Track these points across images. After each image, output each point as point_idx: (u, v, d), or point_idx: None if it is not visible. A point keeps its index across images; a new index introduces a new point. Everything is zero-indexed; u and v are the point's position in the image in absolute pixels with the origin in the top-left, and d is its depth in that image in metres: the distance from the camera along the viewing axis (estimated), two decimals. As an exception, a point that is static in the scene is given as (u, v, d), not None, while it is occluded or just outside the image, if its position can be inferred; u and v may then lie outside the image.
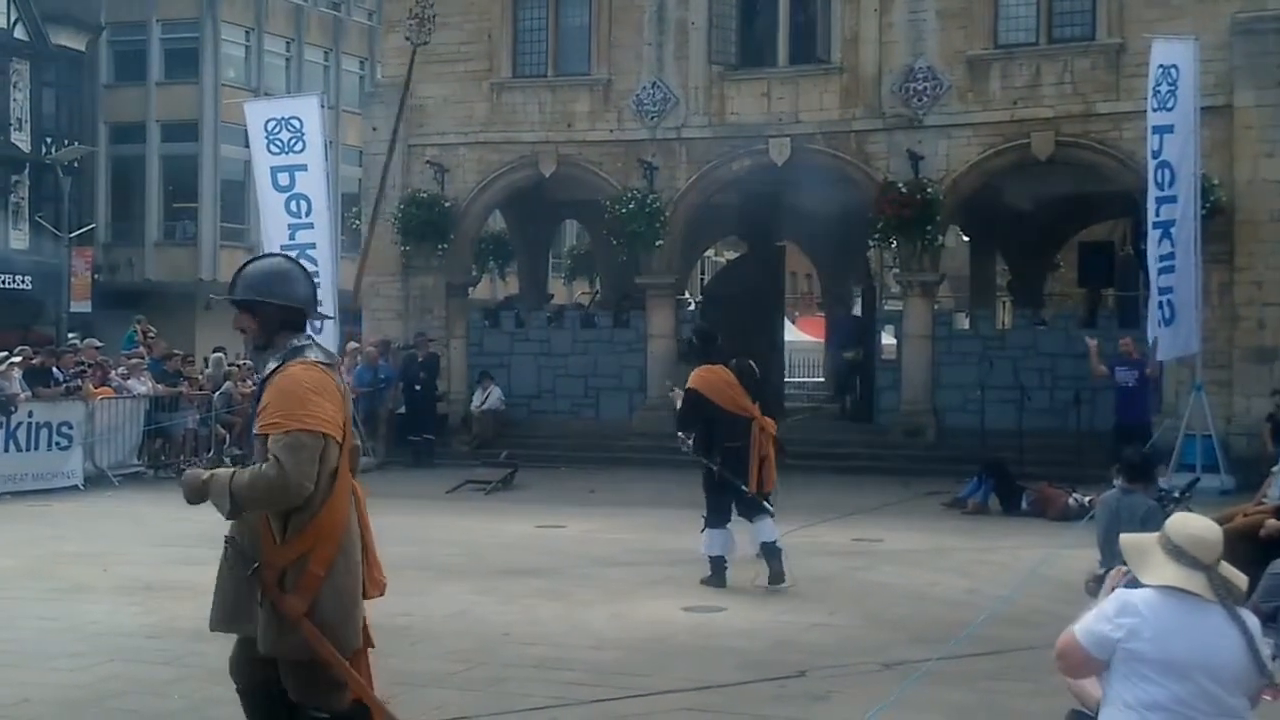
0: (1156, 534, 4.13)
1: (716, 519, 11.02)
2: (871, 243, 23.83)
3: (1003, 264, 29.87)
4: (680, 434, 11.45)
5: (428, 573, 11.53)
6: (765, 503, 10.92)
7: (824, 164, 21.66)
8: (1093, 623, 4.04)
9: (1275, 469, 9.48)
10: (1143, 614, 3.94)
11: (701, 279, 36.85)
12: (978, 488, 16.05)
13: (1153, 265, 17.44)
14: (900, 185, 20.43)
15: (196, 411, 20.04)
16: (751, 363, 11.74)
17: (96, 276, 34.14)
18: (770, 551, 10.82)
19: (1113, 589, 4.17)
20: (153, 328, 22.99)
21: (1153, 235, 17.39)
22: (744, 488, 10.81)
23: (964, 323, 23.90)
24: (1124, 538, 4.24)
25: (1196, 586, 3.94)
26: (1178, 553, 4.00)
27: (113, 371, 19.66)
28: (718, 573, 10.97)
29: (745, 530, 11.08)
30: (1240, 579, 4.09)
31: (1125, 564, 4.21)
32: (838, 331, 28.39)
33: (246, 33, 39.27)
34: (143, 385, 19.63)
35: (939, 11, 20.87)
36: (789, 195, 24.29)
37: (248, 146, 22.06)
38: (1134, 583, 4.11)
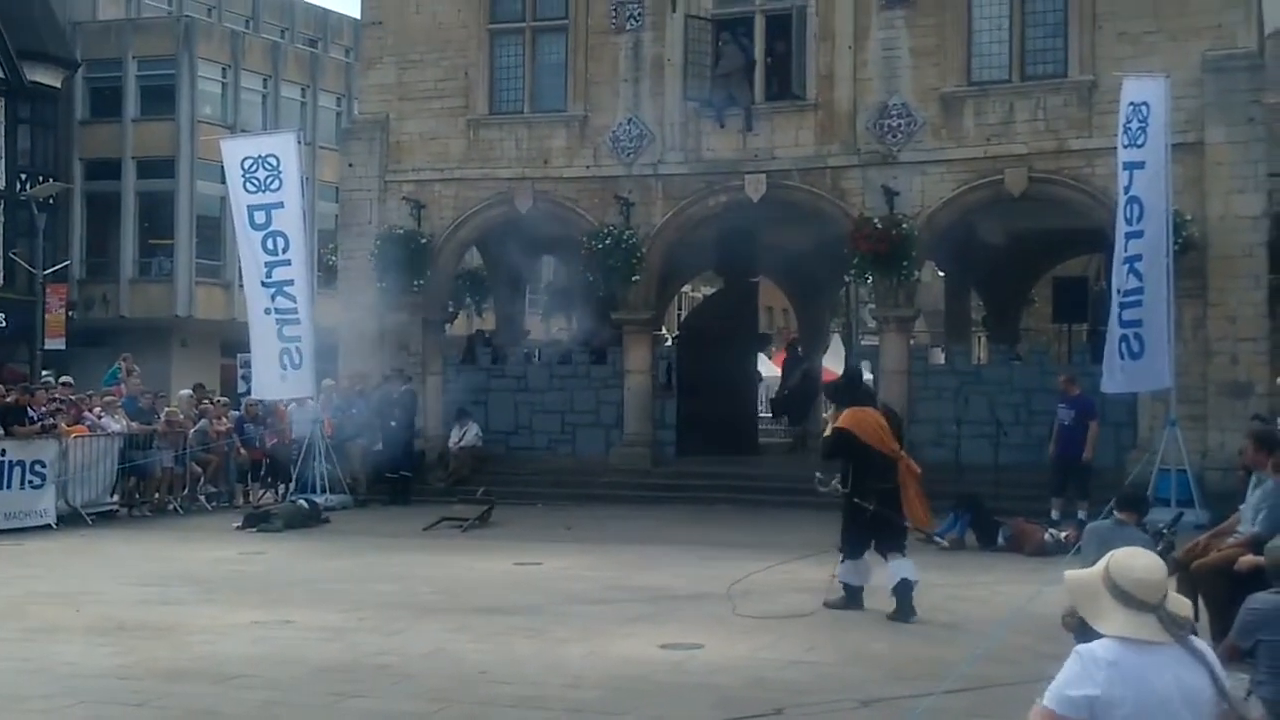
0: (1099, 571, 4.06)
1: (856, 550, 11.49)
2: (848, 278, 23.92)
3: (978, 299, 30.02)
4: (820, 474, 11.89)
5: (405, 611, 11.48)
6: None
7: (800, 200, 21.76)
8: (1064, 688, 3.98)
9: (1245, 502, 9.49)
10: (1108, 667, 3.90)
11: (679, 314, 36.93)
12: (954, 523, 16.08)
13: (1114, 299, 17.61)
14: (876, 221, 20.53)
15: (172, 450, 19.90)
16: (893, 409, 12.65)
17: (71, 314, 33.96)
18: (906, 589, 11.16)
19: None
20: (136, 366, 22.87)
21: (1120, 270, 17.56)
22: (906, 524, 11.48)
23: (940, 358, 24.01)
24: (1070, 576, 4.18)
25: (1149, 632, 3.92)
26: (1125, 598, 3.97)
27: (87, 411, 19.53)
28: (854, 598, 11.40)
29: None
30: (1185, 606, 4.08)
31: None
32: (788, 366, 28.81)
33: (223, 69, 39.31)
34: (117, 423, 19.52)
35: (913, 49, 21.04)
36: (765, 231, 24.39)
37: (224, 182, 22.11)
38: (1084, 626, 4.08)
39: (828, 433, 11.95)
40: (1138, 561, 4.06)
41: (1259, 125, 19.35)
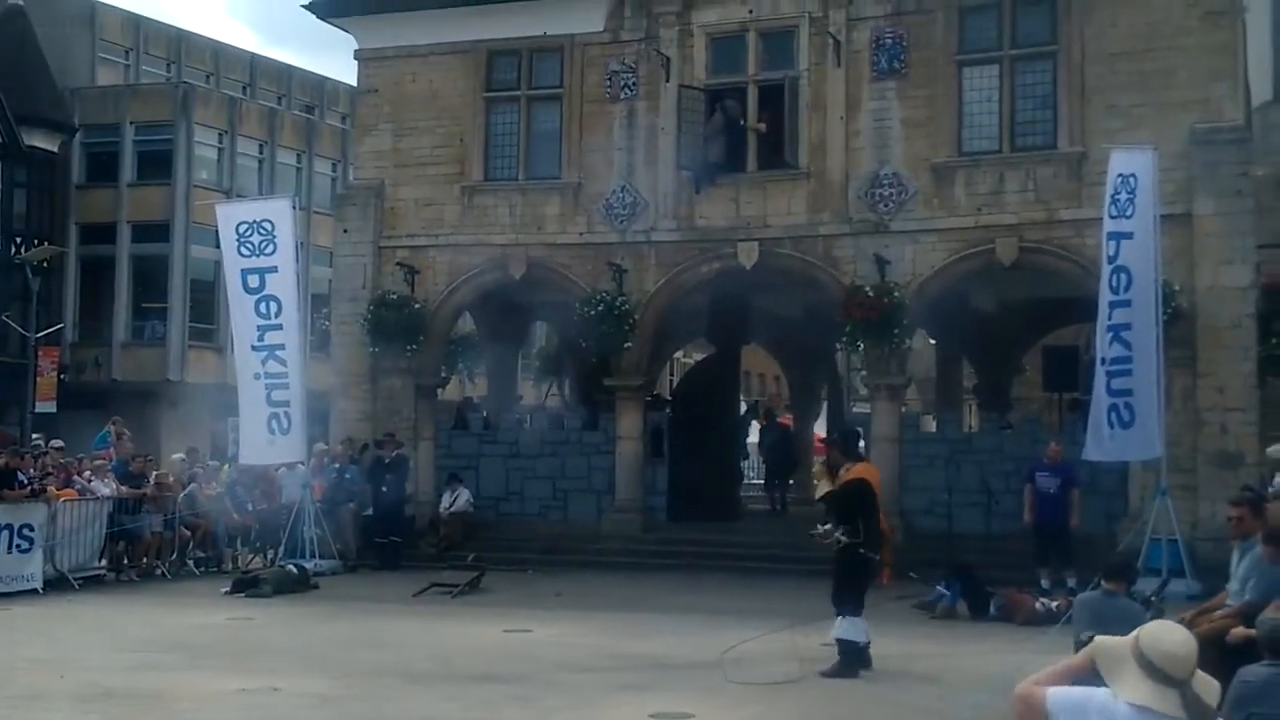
0: (1130, 640, 4.05)
1: (859, 605, 11.68)
2: (839, 346, 24.01)
3: (969, 367, 30.09)
4: (822, 527, 11.90)
5: (394, 678, 11.41)
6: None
7: (792, 268, 21.88)
8: (1068, 707, 3.94)
9: (1233, 570, 9.47)
10: None
11: (671, 380, 36.96)
12: (947, 593, 16.03)
13: (1100, 368, 17.69)
14: (867, 289, 20.63)
15: (161, 514, 19.83)
16: None
17: (62, 377, 33.93)
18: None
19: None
20: (127, 429, 22.83)
21: (1104, 338, 17.66)
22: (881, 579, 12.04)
23: (931, 426, 24.02)
24: (1099, 641, 4.17)
25: (1170, 707, 3.89)
26: (1151, 668, 3.94)
27: (77, 475, 19.46)
28: (859, 658, 11.50)
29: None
30: (1212, 694, 4.03)
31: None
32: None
33: (220, 135, 39.56)
34: (106, 487, 19.46)
35: (904, 119, 21.25)
36: (757, 298, 24.49)
37: (218, 247, 22.16)
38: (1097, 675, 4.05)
39: (825, 486, 12.06)
40: (1168, 635, 4.04)
41: (1247, 197, 19.52)
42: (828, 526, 11.84)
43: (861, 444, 12.87)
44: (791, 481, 27.88)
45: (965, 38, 21.14)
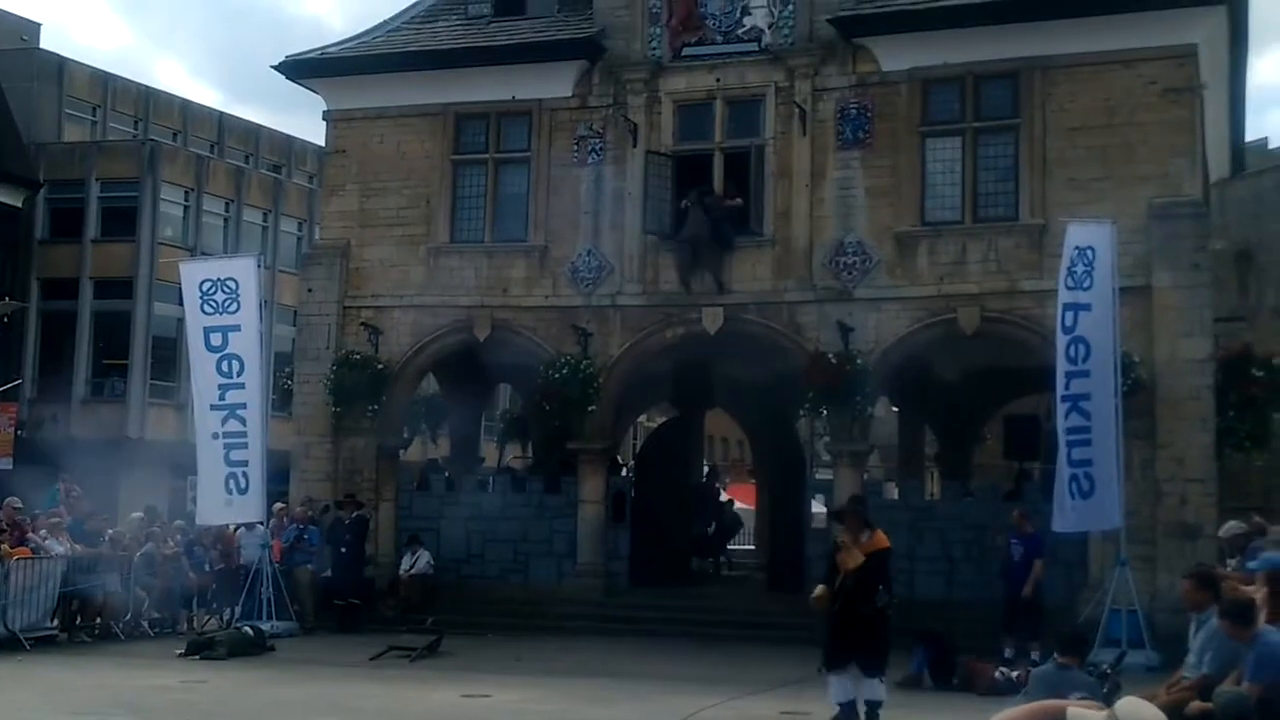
0: (1104, 712, 4.14)
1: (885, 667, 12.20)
2: (802, 412, 24.09)
3: (931, 435, 30.24)
4: (884, 594, 12.29)
5: (348, 744, 11.26)
6: None
7: (756, 334, 21.97)
8: None
9: (1191, 642, 9.50)
10: None
11: (634, 444, 36.94)
12: (919, 659, 15.95)
13: (1061, 438, 17.82)
14: (830, 356, 20.73)
15: (117, 574, 19.57)
16: None
17: (20, 433, 33.59)
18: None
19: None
20: (77, 487, 22.58)
21: (1061, 408, 17.81)
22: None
23: (893, 492, 24.08)
24: (1071, 710, 4.26)
25: None
26: None
27: (30, 532, 19.19)
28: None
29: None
30: None
31: None
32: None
33: (186, 193, 39.52)
34: (61, 545, 19.20)
35: (868, 189, 21.46)
36: (721, 363, 24.56)
37: (181, 304, 22.07)
38: None
39: (854, 554, 12.27)
40: (1147, 710, 4.15)
41: (1205, 271, 19.79)
42: (880, 589, 12.32)
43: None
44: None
45: (929, 109, 21.43)
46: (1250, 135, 27.26)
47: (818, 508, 23.77)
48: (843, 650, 12.11)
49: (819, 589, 12.68)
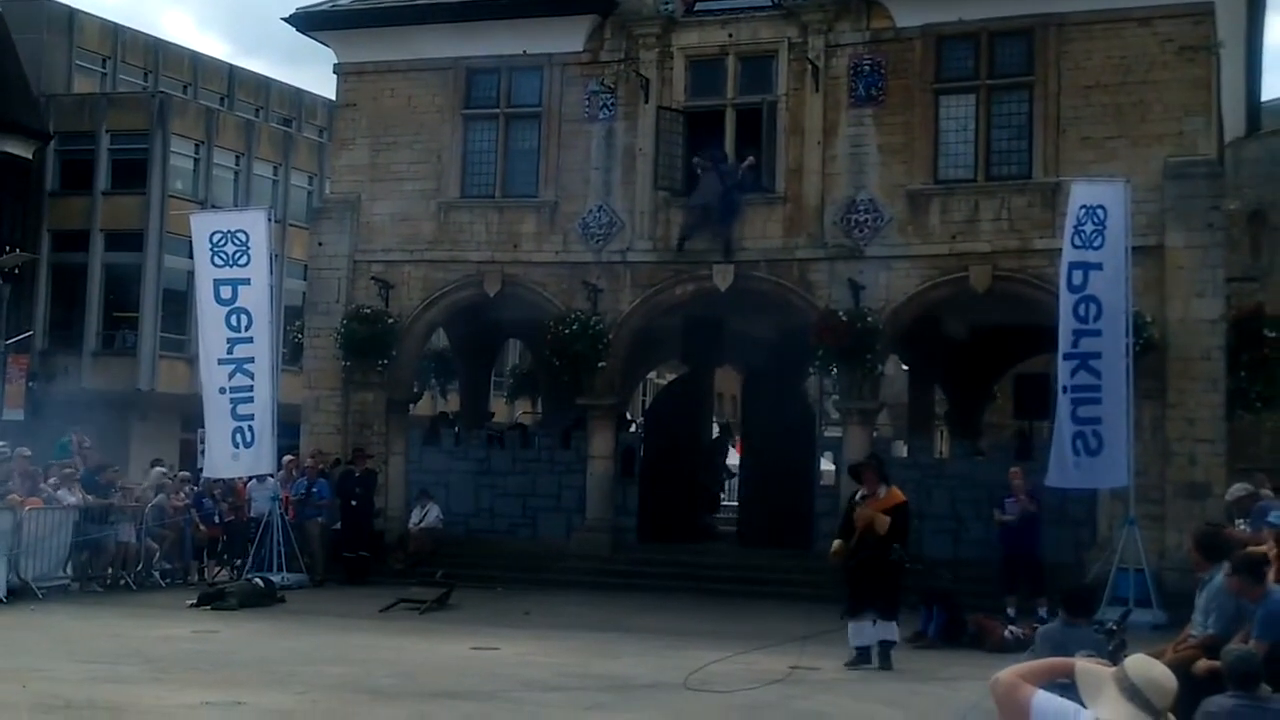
0: (1113, 668, 4.14)
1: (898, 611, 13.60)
2: (812, 370, 24.06)
3: (941, 394, 30.21)
4: (899, 549, 13.39)
5: (359, 694, 11.34)
6: None
7: (767, 291, 21.93)
8: (1054, 705, 4.02)
9: (1198, 601, 9.50)
10: None
11: (643, 401, 37.00)
12: (929, 619, 15.98)
13: (1063, 395, 17.79)
14: (841, 314, 20.69)
15: (130, 523, 19.67)
16: None
17: (31, 384, 33.68)
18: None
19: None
20: (88, 439, 22.67)
21: (1065, 366, 17.79)
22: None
23: (902, 451, 24.09)
24: (1080, 664, 4.26)
25: None
26: (1133, 692, 4.02)
27: (43, 481, 19.29)
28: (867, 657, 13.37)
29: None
30: None
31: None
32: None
33: (196, 145, 39.38)
34: (73, 496, 19.28)
35: (880, 146, 21.35)
36: (731, 321, 24.53)
37: (192, 257, 22.05)
38: (1068, 688, 4.13)
39: (876, 511, 13.27)
40: (1156, 667, 4.15)
41: (1218, 231, 19.70)
42: (895, 546, 13.30)
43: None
44: None
45: (943, 66, 21.29)
46: (1266, 95, 26.98)
47: (827, 465, 23.80)
48: (862, 599, 13.25)
49: (836, 543, 13.61)
